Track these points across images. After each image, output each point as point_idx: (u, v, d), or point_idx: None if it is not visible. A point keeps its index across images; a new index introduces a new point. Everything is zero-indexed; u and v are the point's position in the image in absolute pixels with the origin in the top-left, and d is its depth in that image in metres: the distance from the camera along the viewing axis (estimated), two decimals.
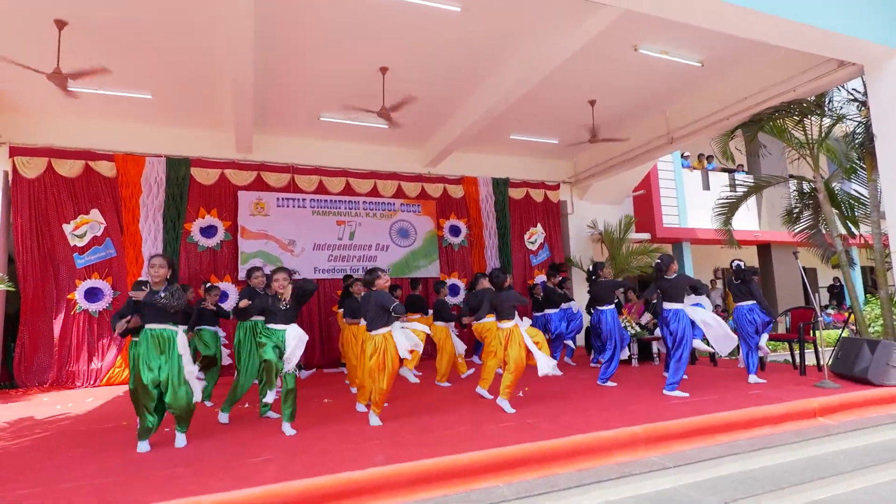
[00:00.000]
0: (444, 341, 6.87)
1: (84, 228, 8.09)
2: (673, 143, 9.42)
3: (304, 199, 9.52)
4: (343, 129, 9.25)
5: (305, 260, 9.33)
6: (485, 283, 5.73)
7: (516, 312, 5.16)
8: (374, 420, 4.57)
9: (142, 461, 3.65)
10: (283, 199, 9.38)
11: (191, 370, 4.06)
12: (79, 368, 7.80)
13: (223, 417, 4.87)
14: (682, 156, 14.12)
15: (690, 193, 13.64)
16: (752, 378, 6.13)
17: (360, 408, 5.22)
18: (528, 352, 5.00)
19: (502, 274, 5.18)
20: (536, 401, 5.45)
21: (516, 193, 11.28)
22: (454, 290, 10.28)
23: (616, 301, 9.29)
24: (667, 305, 5.79)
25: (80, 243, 8.11)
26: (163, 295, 3.99)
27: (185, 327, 4.33)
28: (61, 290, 7.96)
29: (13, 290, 7.70)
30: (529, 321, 5.24)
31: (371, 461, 3.43)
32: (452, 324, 7.17)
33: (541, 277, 10.98)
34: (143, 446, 3.96)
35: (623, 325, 8.09)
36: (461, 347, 6.93)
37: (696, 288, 5.85)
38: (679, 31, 6.57)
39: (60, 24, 5.99)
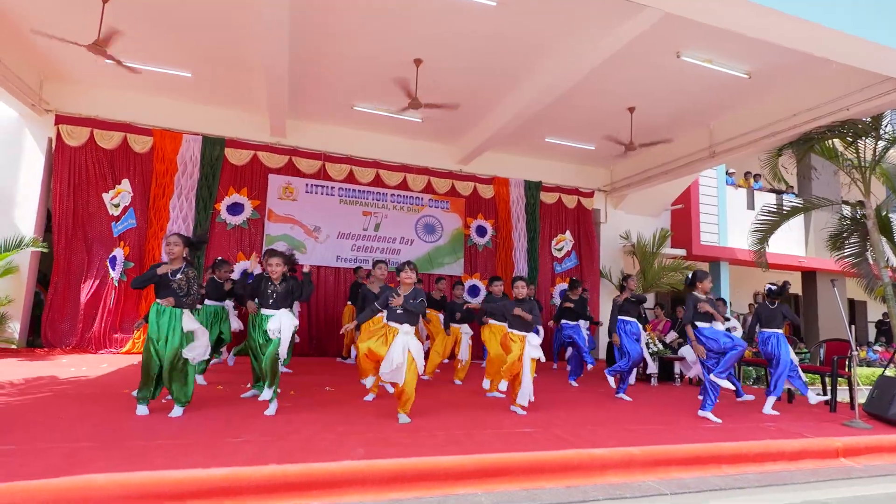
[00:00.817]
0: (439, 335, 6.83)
1: (118, 199, 8.35)
2: (715, 157, 9.01)
3: (332, 187, 9.57)
4: (377, 119, 9.25)
5: (329, 248, 9.39)
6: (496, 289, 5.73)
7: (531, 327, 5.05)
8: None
9: (127, 429, 3.68)
10: (312, 185, 9.46)
11: (198, 349, 4.16)
12: (101, 334, 8.05)
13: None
14: (727, 172, 13.54)
15: (733, 212, 13.05)
16: (769, 404, 5.87)
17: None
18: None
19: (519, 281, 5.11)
20: (540, 410, 5.27)
21: (548, 198, 11.04)
22: (474, 292, 10.12)
23: (642, 316, 9.00)
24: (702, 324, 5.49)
25: (116, 212, 8.38)
26: (178, 278, 4.16)
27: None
28: (92, 256, 8.24)
29: (46, 251, 8.05)
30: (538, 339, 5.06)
31: (349, 454, 3.36)
32: (467, 325, 7.03)
33: (563, 286, 10.75)
34: (142, 409, 4.10)
35: (646, 341, 7.78)
36: (466, 354, 6.77)
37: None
38: (725, 40, 6.25)
39: None
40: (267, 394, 4.40)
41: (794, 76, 7.18)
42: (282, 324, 4.39)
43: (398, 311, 4.36)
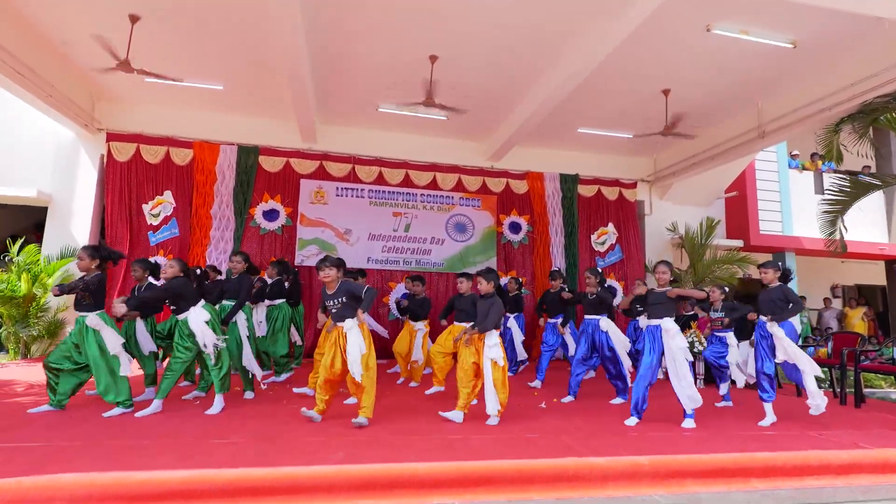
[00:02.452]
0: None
1: (159, 209, 8.80)
2: (765, 137, 8.25)
3: (362, 189, 9.63)
4: (404, 120, 9.21)
5: (360, 250, 9.43)
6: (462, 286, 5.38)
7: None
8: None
9: (123, 428, 3.81)
10: (342, 188, 9.55)
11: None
12: None
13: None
14: (790, 154, 12.42)
15: (798, 197, 11.94)
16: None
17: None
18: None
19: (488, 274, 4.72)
20: (553, 414, 4.99)
21: (586, 191, 10.57)
22: None
23: (692, 314, 8.38)
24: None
25: (155, 222, 8.82)
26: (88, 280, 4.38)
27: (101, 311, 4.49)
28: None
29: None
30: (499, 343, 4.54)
31: (329, 458, 3.27)
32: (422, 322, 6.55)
33: (609, 281, 10.23)
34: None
35: (689, 340, 7.21)
36: (419, 354, 6.36)
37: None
38: (760, 8, 5.67)
39: (134, 19, 6.50)
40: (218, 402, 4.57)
41: (847, 41, 6.38)
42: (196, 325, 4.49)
43: (333, 311, 4.21)
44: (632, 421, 4.65)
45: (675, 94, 7.97)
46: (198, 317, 4.48)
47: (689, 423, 4.63)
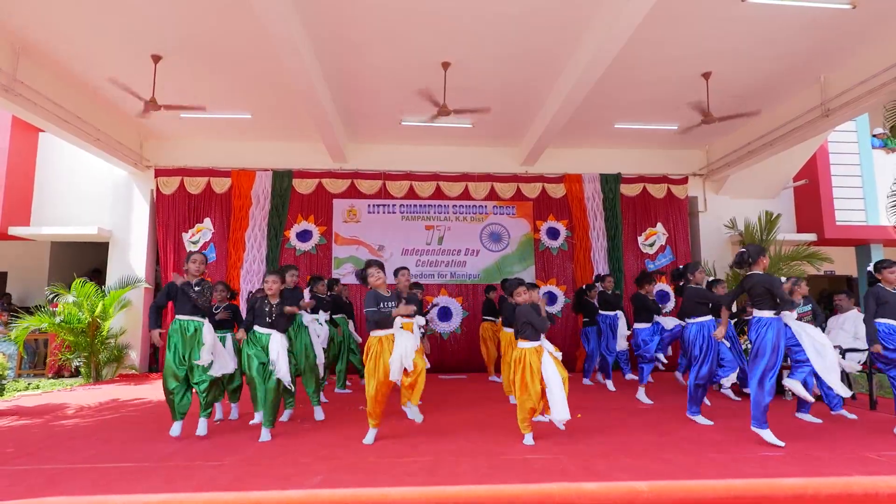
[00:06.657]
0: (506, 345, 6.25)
1: (198, 236, 9.26)
2: (830, 115, 7.34)
3: (393, 205, 9.64)
4: (432, 132, 9.13)
5: (394, 265, 9.29)
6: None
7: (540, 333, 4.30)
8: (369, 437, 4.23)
9: (129, 451, 3.93)
10: (373, 205, 9.61)
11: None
12: None
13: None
14: (873, 134, 11.07)
15: (886, 182, 10.55)
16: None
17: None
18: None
19: (515, 283, 4.47)
20: (578, 430, 4.60)
21: (630, 190, 9.94)
22: (551, 299, 9.43)
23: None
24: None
25: (194, 249, 9.25)
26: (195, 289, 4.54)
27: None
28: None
29: (150, 287, 9.18)
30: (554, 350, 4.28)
31: (304, 483, 3.18)
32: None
33: (660, 286, 9.52)
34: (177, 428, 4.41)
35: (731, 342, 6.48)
36: None
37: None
38: None
39: (156, 59, 6.92)
40: (265, 433, 4.40)
41: None
42: (278, 348, 4.45)
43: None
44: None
45: (718, 77, 7.30)
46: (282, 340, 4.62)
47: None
